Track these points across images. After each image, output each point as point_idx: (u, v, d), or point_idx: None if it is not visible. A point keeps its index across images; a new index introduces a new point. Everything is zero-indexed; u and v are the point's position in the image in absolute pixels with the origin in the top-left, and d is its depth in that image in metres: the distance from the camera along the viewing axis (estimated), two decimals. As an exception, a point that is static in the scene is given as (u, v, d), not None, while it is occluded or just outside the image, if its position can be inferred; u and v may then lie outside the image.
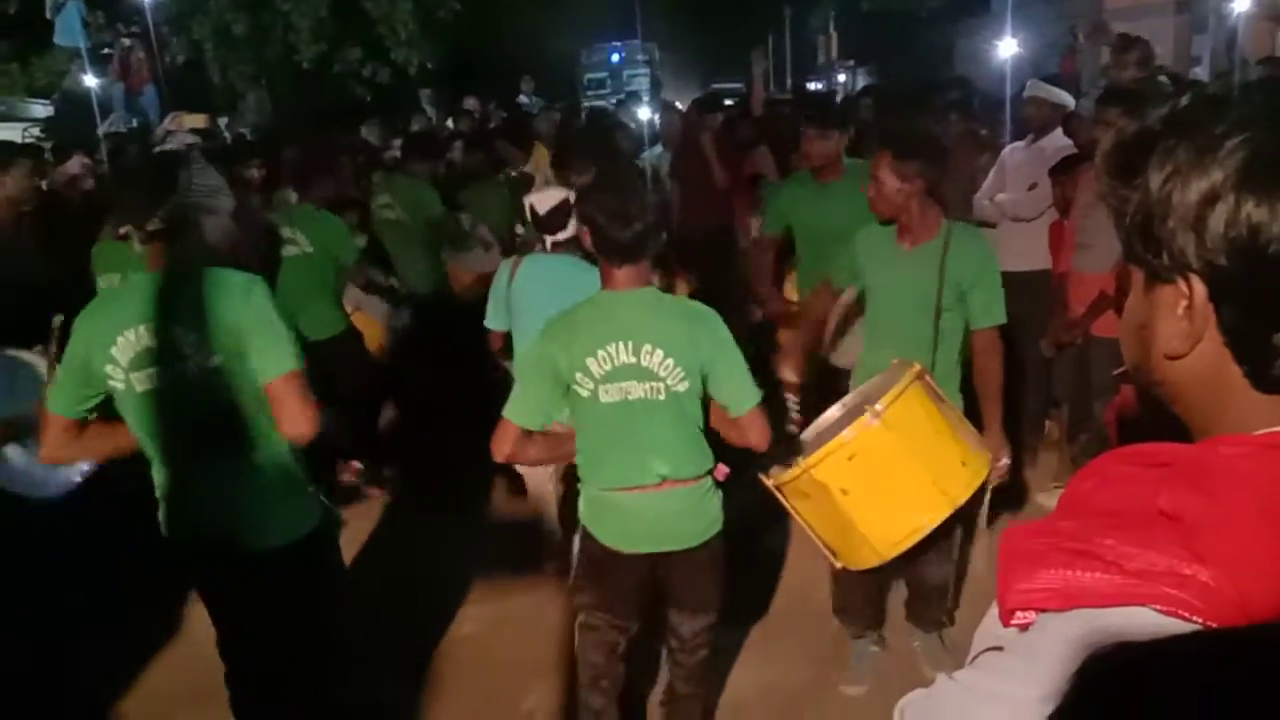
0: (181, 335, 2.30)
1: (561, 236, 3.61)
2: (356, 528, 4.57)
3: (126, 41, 12.03)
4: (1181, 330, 0.76)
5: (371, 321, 5.33)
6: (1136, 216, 0.77)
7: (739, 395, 2.52)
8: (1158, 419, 0.85)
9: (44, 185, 5.31)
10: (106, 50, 12.53)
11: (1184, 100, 0.77)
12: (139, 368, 2.32)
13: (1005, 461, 3.10)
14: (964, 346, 3.19)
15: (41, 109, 14.16)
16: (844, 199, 3.87)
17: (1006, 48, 7.77)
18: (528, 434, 2.57)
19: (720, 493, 2.71)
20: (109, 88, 12.24)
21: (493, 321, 3.80)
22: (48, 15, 12.19)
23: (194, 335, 2.30)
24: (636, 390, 2.49)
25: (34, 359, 3.17)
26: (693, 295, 4.77)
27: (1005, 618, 0.75)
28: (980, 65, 10.26)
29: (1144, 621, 0.67)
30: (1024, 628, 0.74)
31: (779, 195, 4.69)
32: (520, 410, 2.56)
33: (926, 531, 2.73)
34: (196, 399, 2.34)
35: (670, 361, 2.47)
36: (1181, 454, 0.76)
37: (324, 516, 2.58)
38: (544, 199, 3.68)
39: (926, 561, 3.27)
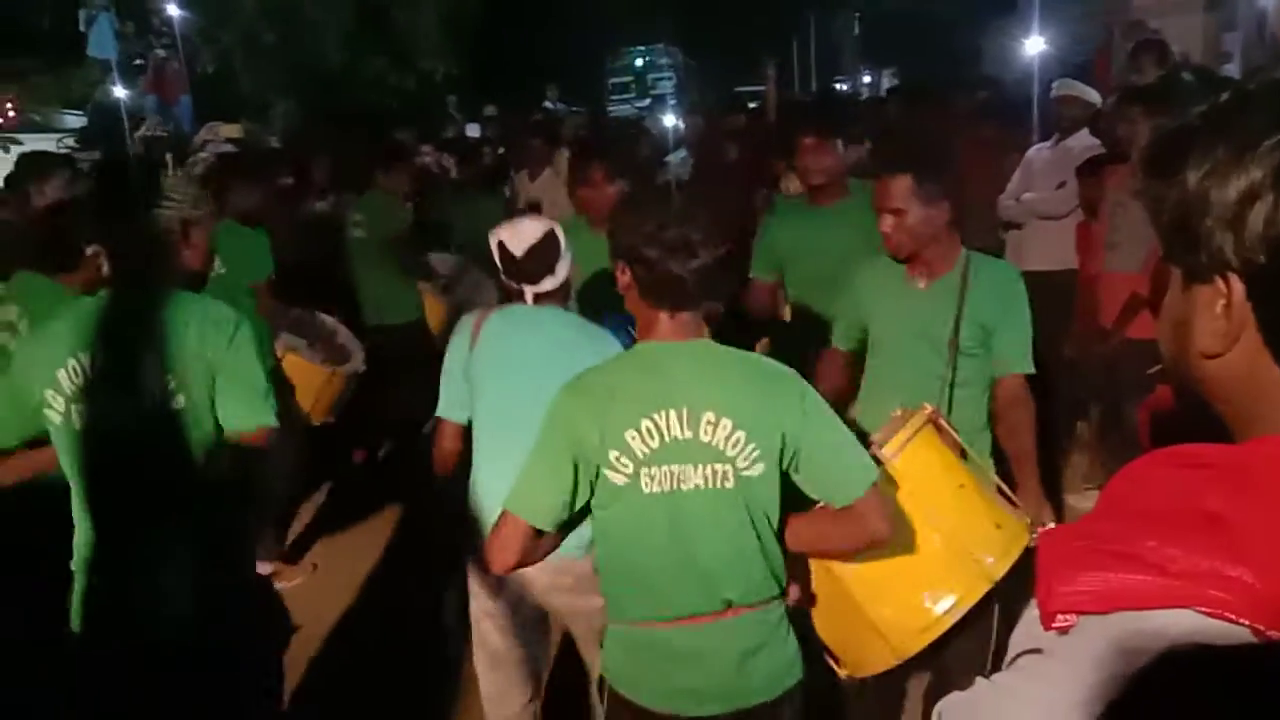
0: (140, 367, 1.99)
1: (548, 285, 2.57)
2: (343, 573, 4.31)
3: (161, 53, 12.23)
4: (1219, 328, 0.76)
5: (309, 368, 4.43)
6: (1175, 214, 0.76)
7: (851, 474, 1.87)
8: (1192, 419, 0.84)
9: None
10: (139, 61, 12.74)
11: (1223, 97, 0.77)
12: (83, 400, 1.99)
13: (1050, 525, 2.42)
14: (990, 400, 2.67)
15: (75, 120, 14.41)
16: (845, 228, 3.25)
17: (1034, 46, 7.71)
18: (540, 533, 1.89)
19: (793, 630, 2.02)
20: (140, 98, 12.45)
21: (445, 407, 2.61)
22: (80, 28, 12.41)
23: (155, 370, 1.98)
24: (693, 477, 1.84)
25: None
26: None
27: (1046, 621, 0.74)
28: (1007, 65, 10.19)
29: (1187, 623, 0.67)
30: (1064, 630, 0.73)
31: (769, 228, 3.87)
32: (530, 502, 1.88)
33: (957, 616, 2.09)
34: (146, 444, 2.02)
35: (741, 435, 1.83)
36: (1223, 455, 0.75)
37: (267, 609, 2.27)
38: (518, 234, 2.57)
39: (955, 660, 2.33)
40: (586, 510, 1.93)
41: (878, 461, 2.08)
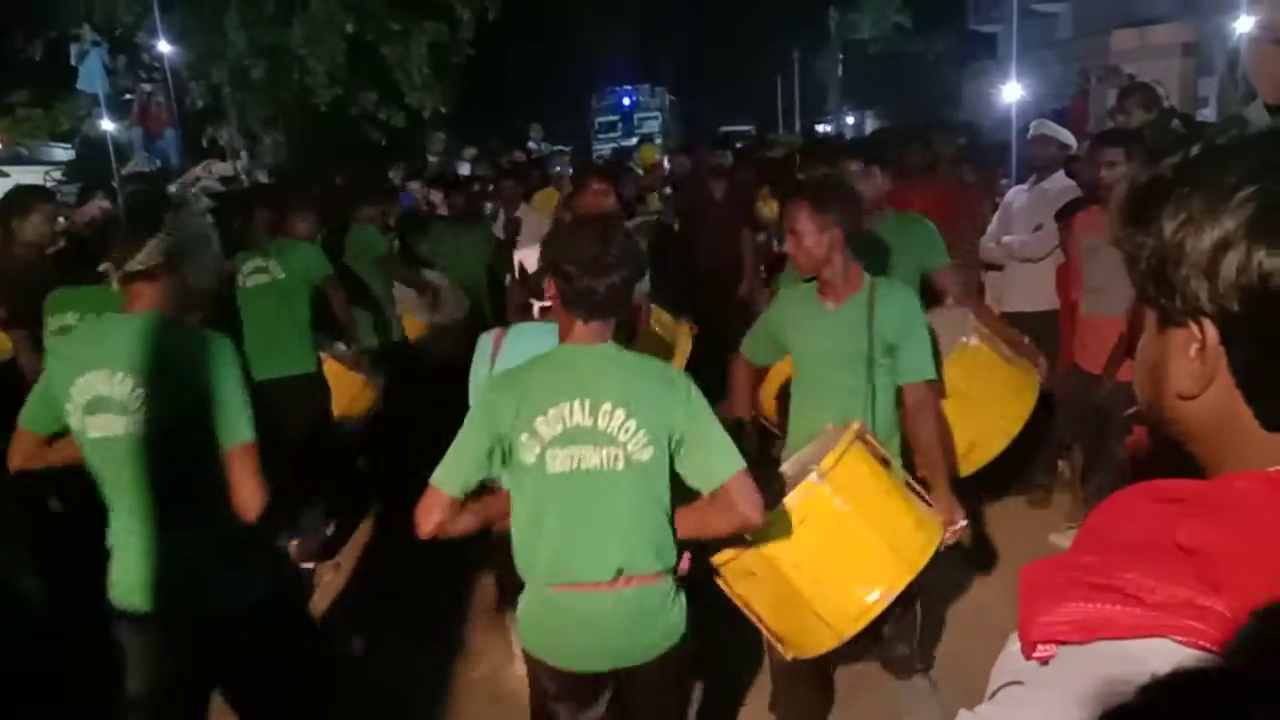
0: (144, 386, 2.19)
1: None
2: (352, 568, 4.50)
3: (147, 88, 12.28)
4: (1194, 371, 0.79)
5: (346, 374, 4.82)
6: (1151, 261, 0.80)
7: (719, 462, 2.12)
8: (1170, 457, 0.88)
9: (65, 227, 5.40)
10: (128, 96, 12.78)
11: (1195, 150, 0.81)
12: (94, 412, 2.22)
13: (962, 524, 2.87)
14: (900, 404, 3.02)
15: (63, 153, 14.43)
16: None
17: (1011, 92, 7.85)
18: (460, 502, 2.18)
19: (684, 596, 2.30)
20: (126, 132, 12.48)
21: None
22: (72, 62, 12.46)
23: (156, 388, 2.19)
24: (591, 457, 2.12)
25: None
26: (698, 337, 4.78)
27: (1027, 650, 0.76)
28: (985, 107, 10.37)
29: (1165, 652, 0.69)
30: (1045, 661, 0.75)
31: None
32: (450, 476, 2.17)
33: (886, 603, 2.50)
34: (148, 455, 2.22)
35: (633, 423, 2.11)
36: (1196, 489, 0.78)
37: (283, 581, 2.44)
38: (534, 254, 3.01)
39: (892, 637, 3.00)
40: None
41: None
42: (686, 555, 2.28)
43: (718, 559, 2.56)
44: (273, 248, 4.57)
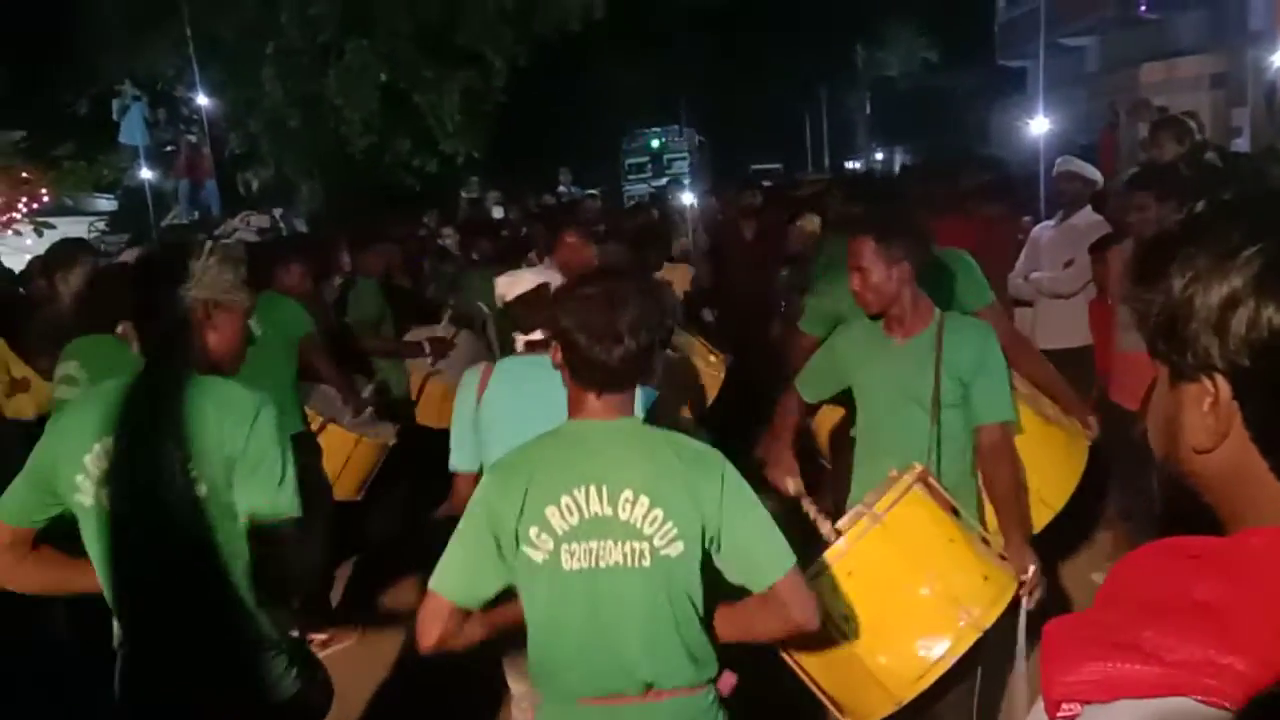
0: (167, 452, 1.98)
1: (539, 335, 2.70)
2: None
3: (192, 139, 12.62)
4: (1208, 426, 0.80)
5: (345, 436, 4.50)
6: (1160, 318, 0.81)
7: (767, 558, 1.86)
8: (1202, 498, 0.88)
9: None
10: (169, 148, 13.15)
11: (1200, 207, 0.83)
12: (111, 482, 1.99)
13: (1033, 570, 2.61)
14: (974, 450, 2.82)
15: (107, 204, 14.81)
16: None
17: (1039, 126, 7.86)
18: (466, 612, 1.91)
19: (726, 715, 1.99)
20: (163, 182, 12.84)
21: (458, 459, 2.75)
22: (114, 117, 12.85)
23: (181, 455, 1.97)
24: (612, 554, 1.84)
25: None
26: (730, 375, 4.71)
27: (1050, 710, 0.77)
28: (1014, 142, 10.37)
29: (1185, 711, 0.69)
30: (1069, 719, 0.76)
31: (817, 283, 4.04)
32: (453, 580, 1.89)
33: (949, 663, 2.25)
34: (173, 530, 2.00)
35: (659, 513, 1.83)
36: (1213, 546, 0.78)
37: (309, 677, 2.20)
38: (514, 283, 2.84)
39: (944, 710, 2.59)
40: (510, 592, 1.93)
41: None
42: (730, 674, 1.99)
43: None
44: (261, 301, 4.59)
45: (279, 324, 4.21)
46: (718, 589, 1.93)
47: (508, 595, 1.95)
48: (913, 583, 2.33)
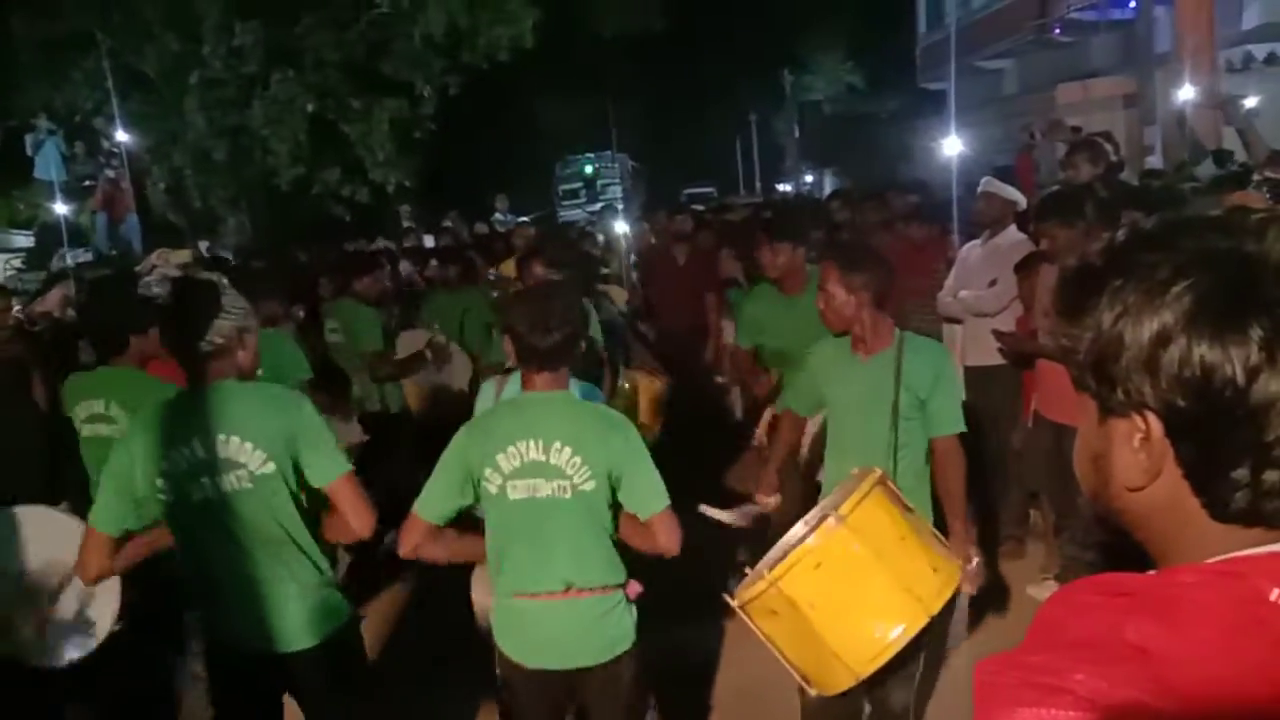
0: (237, 444, 2.42)
1: None
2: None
3: (110, 173, 12.28)
4: (1140, 463, 0.78)
5: None
6: (1090, 354, 0.79)
7: (647, 498, 2.53)
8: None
9: (17, 320, 5.36)
10: (89, 183, 12.78)
11: (1120, 236, 0.81)
12: (195, 478, 2.42)
13: (976, 561, 3.03)
14: (928, 456, 3.15)
15: (23, 239, 14.34)
16: (809, 314, 3.51)
17: (950, 146, 8.03)
18: (436, 529, 2.56)
19: (634, 611, 2.65)
20: (78, 216, 12.48)
21: None
22: (28, 152, 12.47)
23: (249, 443, 2.43)
24: (544, 488, 2.50)
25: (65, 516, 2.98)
26: (670, 394, 4.79)
27: None
28: (935, 164, 10.61)
29: None
30: None
31: (745, 306, 4.73)
32: (428, 504, 2.55)
33: (902, 643, 2.60)
34: (252, 504, 2.45)
35: (578, 460, 2.48)
36: (1144, 583, 0.77)
37: (350, 611, 2.68)
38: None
39: (892, 684, 3.02)
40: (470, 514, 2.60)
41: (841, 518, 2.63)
42: (635, 583, 2.65)
43: (742, 597, 2.68)
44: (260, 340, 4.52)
45: (277, 368, 4.17)
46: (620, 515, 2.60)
47: (471, 528, 2.63)
48: (872, 574, 2.63)
